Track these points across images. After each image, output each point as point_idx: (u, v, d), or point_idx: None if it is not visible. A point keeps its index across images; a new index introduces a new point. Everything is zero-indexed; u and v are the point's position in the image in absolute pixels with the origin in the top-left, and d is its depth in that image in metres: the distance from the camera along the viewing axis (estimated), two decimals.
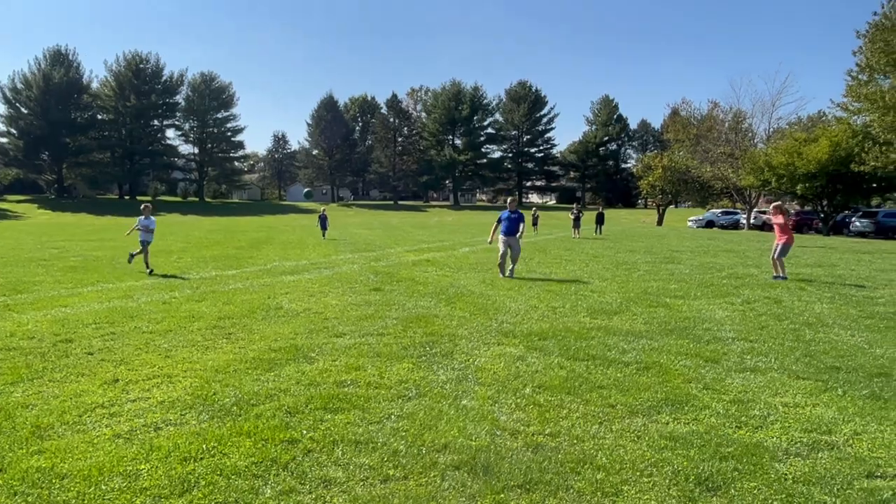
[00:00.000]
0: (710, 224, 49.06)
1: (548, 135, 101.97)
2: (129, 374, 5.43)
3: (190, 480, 3.40)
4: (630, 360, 5.94)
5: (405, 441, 3.93)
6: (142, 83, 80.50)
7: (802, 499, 3.25)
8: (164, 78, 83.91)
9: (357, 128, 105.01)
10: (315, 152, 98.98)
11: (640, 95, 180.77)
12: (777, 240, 12.40)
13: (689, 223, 50.33)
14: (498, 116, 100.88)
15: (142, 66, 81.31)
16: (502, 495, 3.26)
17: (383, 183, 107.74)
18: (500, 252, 12.49)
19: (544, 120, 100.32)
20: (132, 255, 13.62)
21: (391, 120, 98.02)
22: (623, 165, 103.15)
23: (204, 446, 3.82)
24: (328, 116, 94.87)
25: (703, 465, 3.61)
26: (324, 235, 25.99)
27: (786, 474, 3.53)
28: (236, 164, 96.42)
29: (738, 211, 50.82)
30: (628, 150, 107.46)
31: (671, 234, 34.36)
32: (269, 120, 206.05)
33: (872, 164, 30.59)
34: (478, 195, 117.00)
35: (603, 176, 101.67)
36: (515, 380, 5.29)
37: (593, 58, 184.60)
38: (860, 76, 32.72)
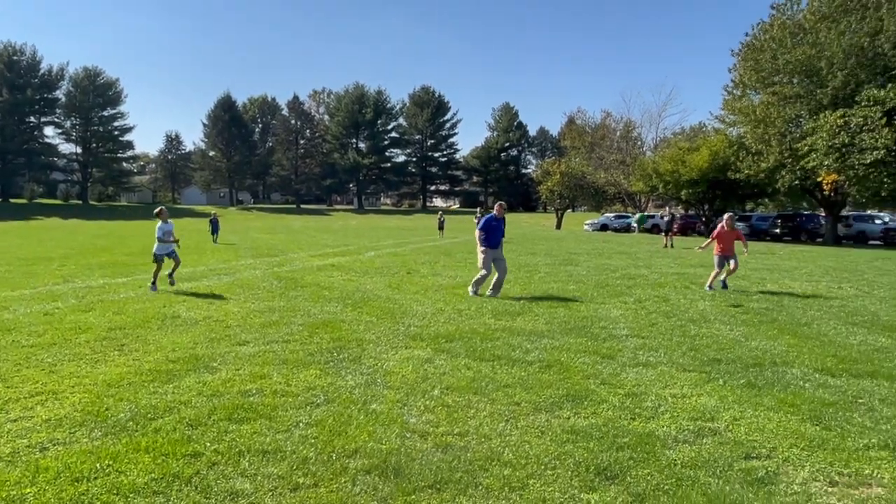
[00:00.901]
0: (604, 227, 51.50)
1: (451, 140, 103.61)
2: (8, 392, 5.01)
3: (83, 501, 3.20)
4: (533, 360, 6.16)
5: (314, 448, 3.89)
6: (16, 76, 74.32)
7: (690, 482, 3.52)
8: (41, 71, 77.89)
9: (257, 129, 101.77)
10: (212, 154, 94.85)
11: (538, 104, 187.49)
12: (722, 251, 11.54)
13: (586, 227, 52.62)
14: (402, 121, 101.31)
15: (15, 57, 75.11)
16: (413, 496, 3.30)
17: (285, 186, 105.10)
18: (484, 273, 10.48)
19: (447, 125, 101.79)
20: (170, 276, 11.14)
21: (293, 122, 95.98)
22: (523, 171, 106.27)
23: (98, 465, 3.60)
24: (226, 116, 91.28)
25: (602, 456, 3.83)
26: (215, 240, 25.06)
27: (675, 460, 3.81)
28: (125, 164, 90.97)
29: (630, 215, 53.76)
30: (528, 156, 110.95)
31: (569, 237, 35.81)
32: (162, 119, 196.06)
33: (746, 171, 33.30)
34: (382, 199, 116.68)
35: (504, 181, 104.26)
36: (424, 382, 5.36)
37: (494, 66, 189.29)
38: (735, 91, 35.59)
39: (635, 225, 42.17)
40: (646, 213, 45.99)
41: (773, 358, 6.30)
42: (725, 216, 12.10)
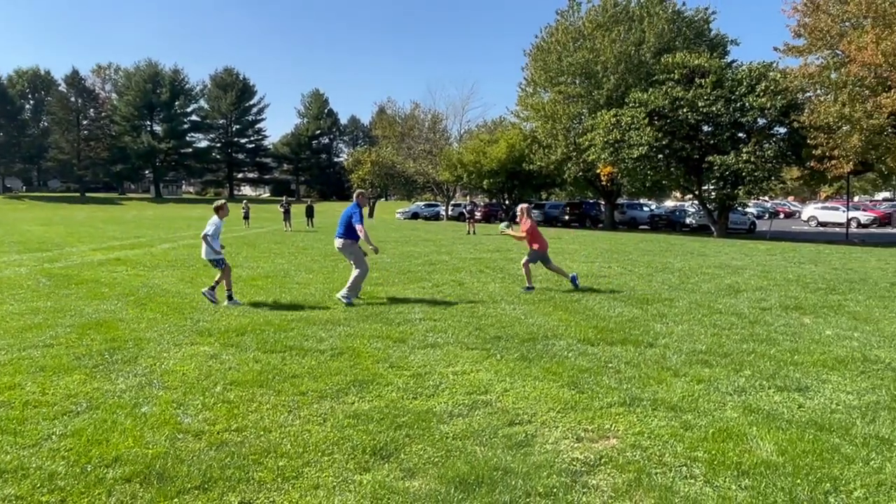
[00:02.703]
0: (415, 216, 53.00)
1: (258, 125, 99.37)
2: None
3: None
4: (326, 348, 6.17)
5: (66, 461, 3.52)
6: None
7: (458, 452, 3.77)
8: None
9: (27, 106, 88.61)
10: None
11: (349, 92, 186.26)
12: (541, 248, 10.38)
13: (398, 215, 53.74)
14: (203, 103, 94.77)
15: None
16: (177, 499, 3.14)
17: (66, 172, 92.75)
18: (365, 270, 9.06)
19: (254, 110, 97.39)
20: (229, 294, 8.72)
21: (73, 100, 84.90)
22: (336, 159, 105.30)
23: None
24: None
25: (380, 437, 3.96)
26: None
27: (448, 433, 4.06)
28: None
29: (439, 203, 55.87)
30: (340, 145, 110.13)
31: (380, 225, 36.25)
32: None
33: (539, 163, 36.25)
34: (184, 187, 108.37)
35: (316, 169, 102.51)
36: (206, 379, 5.11)
37: (302, 50, 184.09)
38: (528, 89, 38.51)
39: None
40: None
41: (546, 332, 6.97)
42: (522, 206, 10.98)
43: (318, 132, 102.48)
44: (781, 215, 54.02)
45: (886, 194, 64.79)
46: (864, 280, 11.82)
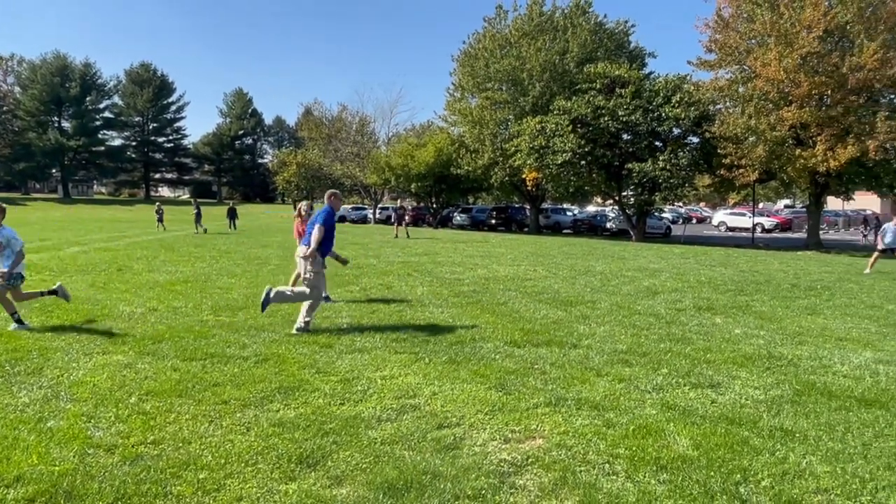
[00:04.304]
0: (342, 219, 52.33)
1: (178, 124, 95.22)
2: None
3: None
4: (249, 354, 5.98)
5: None
6: None
7: (387, 457, 3.74)
8: None
9: None
10: None
11: (275, 92, 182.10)
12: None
13: None
14: (117, 100, 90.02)
15: None
16: None
17: None
18: (317, 296, 7.37)
19: (173, 108, 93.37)
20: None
21: None
22: (260, 161, 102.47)
23: None
24: None
25: (306, 444, 3.87)
26: None
27: (376, 438, 4.02)
28: None
29: (367, 206, 55.46)
30: (265, 146, 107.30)
31: None
32: None
33: (466, 167, 36.63)
34: (96, 187, 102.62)
35: (239, 170, 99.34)
36: (119, 390, 4.84)
37: (225, 48, 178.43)
38: (455, 94, 38.90)
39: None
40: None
41: (473, 335, 7.03)
42: (301, 204, 9.98)
43: (242, 132, 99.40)
44: (694, 220, 56.90)
45: (787, 201, 69.33)
46: (769, 282, 12.59)
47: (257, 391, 4.89)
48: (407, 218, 29.20)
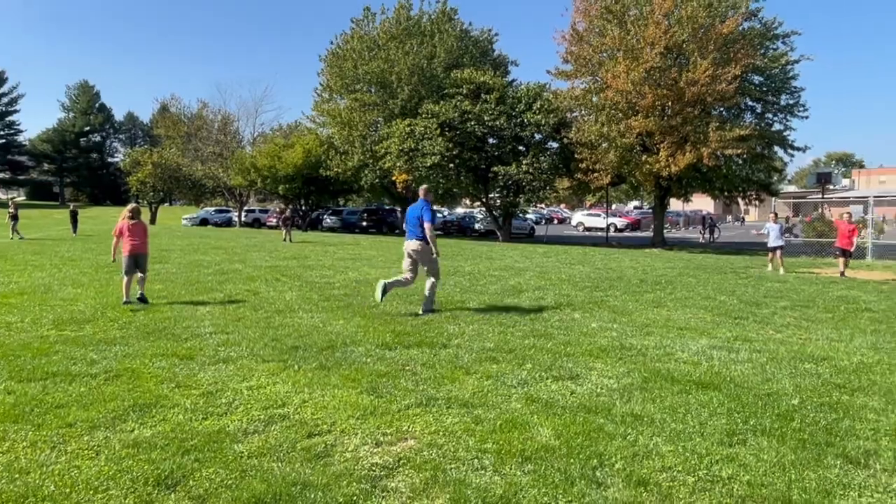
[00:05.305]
0: (204, 222, 49.65)
1: (10, 118, 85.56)
2: None
3: None
4: (98, 371, 5.51)
5: None
6: None
7: (254, 471, 3.60)
8: None
9: None
10: None
11: (125, 85, 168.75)
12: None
13: (184, 221, 49.89)
14: None
15: None
16: None
17: None
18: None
19: (5, 100, 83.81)
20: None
21: None
22: (110, 160, 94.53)
23: None
24: None
25: (165, 464, 3.63)
26: None
27: (242, 452, 3.86)
28: None
29: (231, 209, 52.99)
30: (115, 144, 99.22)
31: (163, 232, 33.31)
32: None
33: (336, 169, 36.14)
34: None
35: (86, 170, 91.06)
36: None
37: (67, 35, 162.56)
38: (324, 94, 38.25)
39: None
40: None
41: (345, 339, 6.96)
42: (128, 207, 9.82)
43: (88, 129, 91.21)
44: (556, 221, 60.26)
45: (636, 203, 75.26)
46: (621, 278, 13.61)
47: (108, 411, 4.52)
48: (297, 220, 28.31)
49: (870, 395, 5.17)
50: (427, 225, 8.48)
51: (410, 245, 8.78)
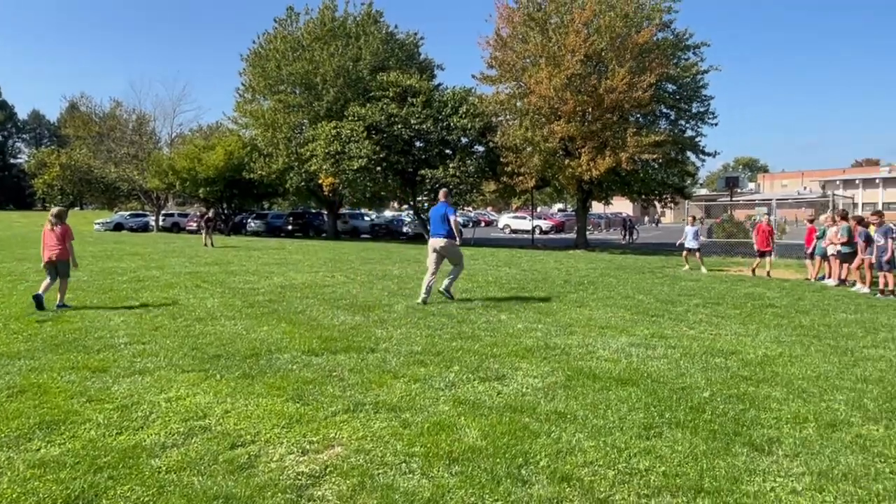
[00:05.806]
0: (119, 227, 47.31)
1: None
2: None
3: None
4: (1, 387, 5.16)
5: None
6: None
7: (173, 486, 3.47)
8: None
9: None
10: None
11: (29, 81, 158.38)
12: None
13: (97, 226, 47.35)
14: None
15: None
16: None
17: None
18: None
19: None
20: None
21: None
22: (13, 161, 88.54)
23: None
24: None
25: (75, 484, 3.45)
26: None
27: (160, 467, 3.71)
28: None
29: (148, 213, 50.71)
30: (19, 144, 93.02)
31: (75, 237, 31.47)
32: None
33: (260, 172, 35.20)
34: None
35: None
36: None
37: None
38: (246, 95, 37.19)
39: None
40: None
41: (270, 346, 6.81)
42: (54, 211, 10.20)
43: None
44: (483, 224, 61.02)
45: (560, 206, 77.29)
46: (545, 279, 13.95)
47: (11, 429, 4.24)
48: (207, 225, 27.05)
49: (773, 386, 5.53)
50: (452, 218, 9.87)
51: (438, 242, 10.01)
